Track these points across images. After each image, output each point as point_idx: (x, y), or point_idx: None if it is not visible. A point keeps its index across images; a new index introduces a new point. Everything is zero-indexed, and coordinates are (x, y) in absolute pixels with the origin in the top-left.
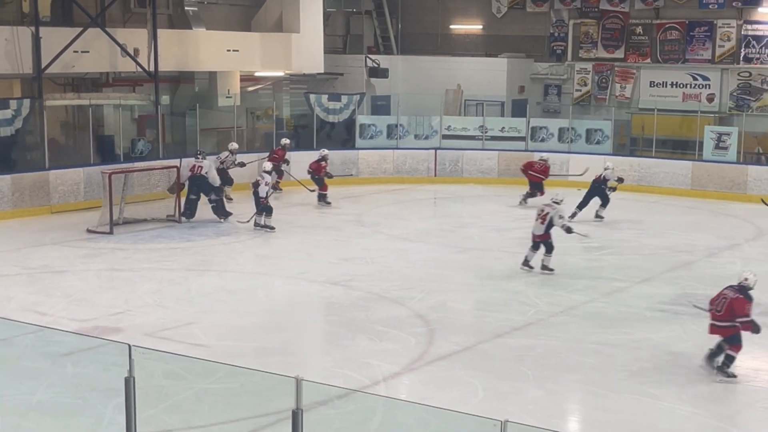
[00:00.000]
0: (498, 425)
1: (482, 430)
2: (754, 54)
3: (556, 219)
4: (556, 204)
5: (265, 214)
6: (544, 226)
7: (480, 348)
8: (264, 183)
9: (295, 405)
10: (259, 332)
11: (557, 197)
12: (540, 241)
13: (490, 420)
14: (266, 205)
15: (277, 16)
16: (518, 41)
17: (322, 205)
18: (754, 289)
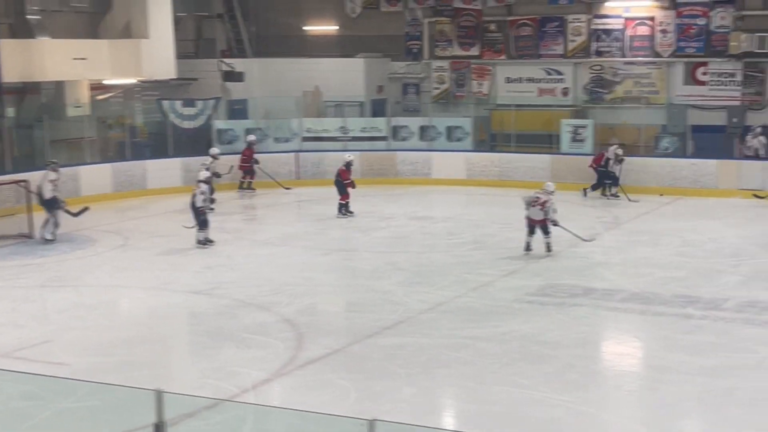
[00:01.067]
0: (365, 424)
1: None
2: (604, 47)
3: (551, 210)
4: (551, 194)
5: (198, 228)
6: (543, 211)
7: (351, 349)
8: (199, 193)
9: (156, 418)
10: (121, 346)
11: (549, 188)
12: (538, 225)
13: (359, 420)
14: (204, 218)
15: (125, 22)
16: (374, 41)
17: (342, 216)
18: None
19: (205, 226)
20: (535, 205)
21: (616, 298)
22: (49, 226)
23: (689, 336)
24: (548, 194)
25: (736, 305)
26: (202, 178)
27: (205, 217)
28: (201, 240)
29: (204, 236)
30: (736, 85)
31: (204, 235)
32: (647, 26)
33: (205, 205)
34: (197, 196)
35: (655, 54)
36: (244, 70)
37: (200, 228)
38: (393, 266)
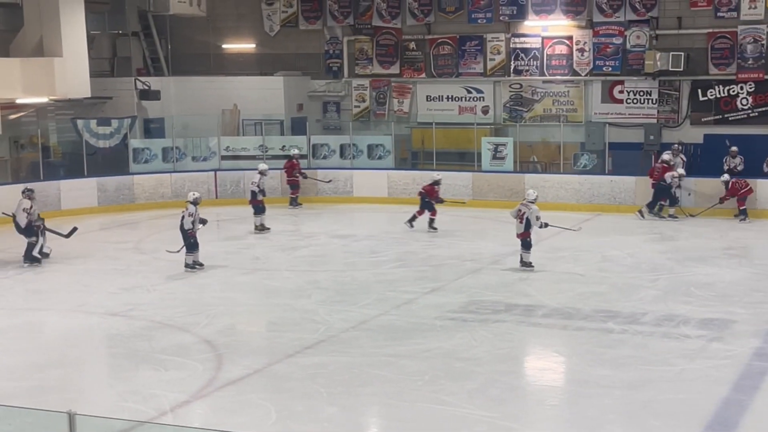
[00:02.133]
0: None
1: None
2: (523, 66)
3: (533, 219)
4: (531, 204)
5: (187, 251)
6: (522, 225)
7: (271, 369)
8: (187, 214)
9: None
10: (33, 370)
11: (530, 196)
12: (521, 239)
13: None
14: (193, 240)
15: (37, 40)
16: (293, 59)
17: (432, 231)
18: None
19: (194, 249)
20: (517, 219)
21: (537, 313)
22: (36, 247)
23: (610, 350)
24: (529, 204)
25: (654, 319)
26: (190, 198)
27: (195, 240)
28: (189, 264)
29: (192, 260)
30: (653, 103)
31: (193, 258)
32: (565, 45)
33: (194, 228)
34: (185, 217)
35: (573, 72)
36: (161, 89)
37: (188, 251)
38: (314, 285)
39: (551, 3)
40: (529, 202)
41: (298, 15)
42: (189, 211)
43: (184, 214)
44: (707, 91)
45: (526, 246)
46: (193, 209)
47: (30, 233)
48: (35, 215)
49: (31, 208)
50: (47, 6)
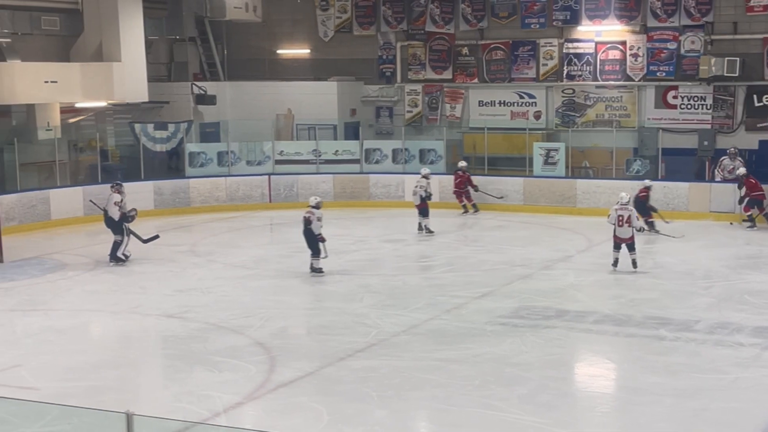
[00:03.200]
0: None
1: None
2: (576, 71)
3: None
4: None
5: (313, 255)
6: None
7: (323, 372)
8: (316, 219)
9: None
10: (91, 371)
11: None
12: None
13: None
14: (321, 244)
15: (96, 45)
16: (347, 64)
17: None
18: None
19: (318, 253)
20: (621, 225)
21: (589, 319)
22: (122, 247)
23: (661, 357)
24: (627, 208)
25: (708, 327)
26: (313, 203)
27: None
28: (315, 267)
29: (315, 264)
30: (707, 109)
31: (315, 262)
32: (618, 50)
33: (319, 233)
34: (314, 222)
35: (626, 78)
36: (217, 93)
37: (315, 255)
38: (366, 289)
39: (605, 8)
40: (625, 205)
41: (352, 20)
42: (317, 215)
43: (312, 219)
44: (762, 97)
45: (632, 248)
46: (319, 213)
47: (119, 230)
48: (126, 207)
49: (121, 201)
50: (107, 12)
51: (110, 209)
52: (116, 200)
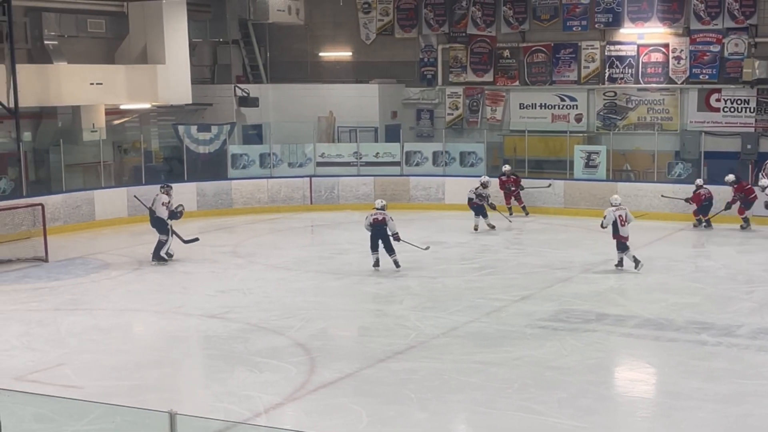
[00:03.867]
0: None
1: None
2: (617, 74)
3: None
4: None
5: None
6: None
7: (363, 374)
8: (389, 218)
9: None
10: (134, 370)
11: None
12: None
13: None
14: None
15: (141, 48)
16: (388, 67)
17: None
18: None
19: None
20: (624, 224)
21: (629, 324)
22: (165, 246)
23: (703, 362)
24: (622, 207)
25: (750, 332)
26: (378, 206)
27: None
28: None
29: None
30: (750, 112)
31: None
32: (661, 53)
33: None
34: (389, 222)
35: (668, 80)
36: (259, 96)
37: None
38: (406, 291)
39: (648, 10)
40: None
41: (394, 23)
42: (389, 216)
43: (387, 220)
44: None
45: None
46: (388, 215)
47: (164, 230)
48: (173, 206)
49: (168, 203)
50: (151, 15)
51: (158, 209)
52: (164, 201)
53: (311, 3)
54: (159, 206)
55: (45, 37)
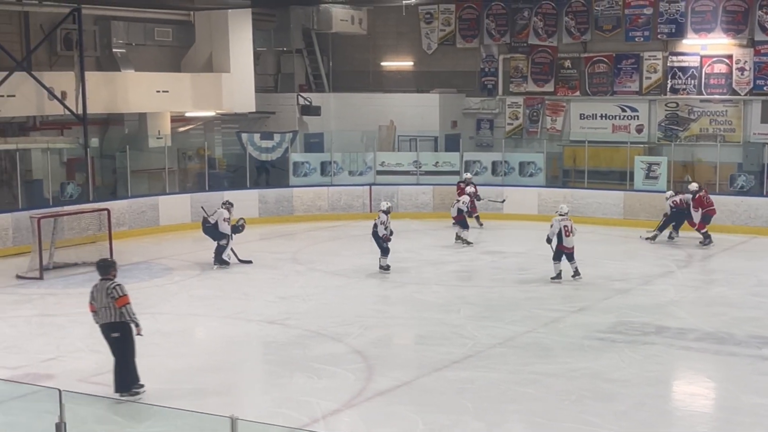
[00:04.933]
0: None
1: None
2: (680, 85)
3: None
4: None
5: (382, 255)
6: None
7: (419, 382)
8: (380, 222)
9: None
10: (195, 374)
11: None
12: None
13: None
14: (386, 245)
15: (207, 57)
16: (449, 77)
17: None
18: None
19: (387, 253)
20: (568, 235)
21: (689, 337)
22: (226, 250)
23: (764, 378)
24: (568, 218)
25: None
26: (384, 208)
27: (387, 245)
28: (383, 266)
29: (385, 263)
30: None
31: (385, 261)
32: (724, 64)
33: (388, 233)
34: (378, 225)
35: (732, 92)
36: (322, 104)
37: (383, 254)
38: (463, 300)
39: (711, 21)
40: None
41: (456, 33)
42: (381, 219)
43: (377, 222)
44: None
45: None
46: (384, 218)
47: (219, 235)
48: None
49: (229, 218)
50: (217, 24)
51: (221, 225)
52: (225, 216)
53: (374, 13)
54: (221, 221)
55: (113, 45)
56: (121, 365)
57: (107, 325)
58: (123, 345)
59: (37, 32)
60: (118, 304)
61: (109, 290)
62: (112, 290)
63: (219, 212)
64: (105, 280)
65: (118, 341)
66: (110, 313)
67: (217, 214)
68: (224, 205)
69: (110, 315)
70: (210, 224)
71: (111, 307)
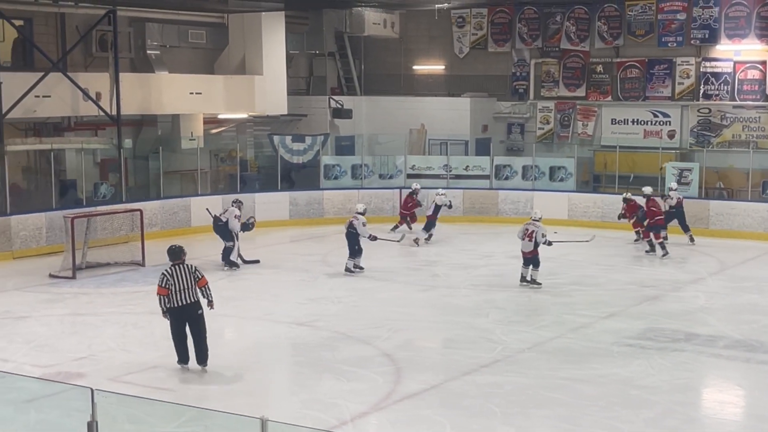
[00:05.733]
0: None
1: None
2: (713, 91)
3: (539, 237)
4: (537, 222)
5: (358, 256)
6: (531, 243)
7: (448, 386)
8: (361, 224)
9: None
10: (224, 374)
11: (536, 215)
12: (529, 257)
13: None
14: (358, 247)
15: (240, 59)
16: (481, 81)
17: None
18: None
19: (358, 254)
20: (524, 238)
21: (719, 344)
22: (234, 252)
23: None
24: (535, 223)
25: None
26: (360, 210)
27: (360, 247)
28: (350, 267)
29: (354, 263)
30: None
31: (354, 262)
32: (758, 70)
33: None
34: (359, 227)
35: (765, 98)
36: (353, 108)
37: (358, 255)
38: (492, 304)
39: (745, 27)
40: (535, 221)
41: (488, 37)
42: (361, 220)
43: (356, 224)
44: None
45: (536, 264)
46: (363, 219)
47: (229, 236)
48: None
49: (239, 216)
50: (251, 27)
51: (231, 222)
52: (236, 214)
53: (406, 16)
54: (232, 219)
55: (148, 46)
56: (204, 338)
57: (191, 305)
58: (203, 320)
59: (72, 34)
60: (201, 284)
61: (194, 271)
62: (196, 271)
63: (230, 210)
64: (178, 264)
65: (202, 317)
66: (191, 293)
67: (228, 212)
68: (234, 204)
69: (191, 295)
70: (222, 222)
71: (192, 288)
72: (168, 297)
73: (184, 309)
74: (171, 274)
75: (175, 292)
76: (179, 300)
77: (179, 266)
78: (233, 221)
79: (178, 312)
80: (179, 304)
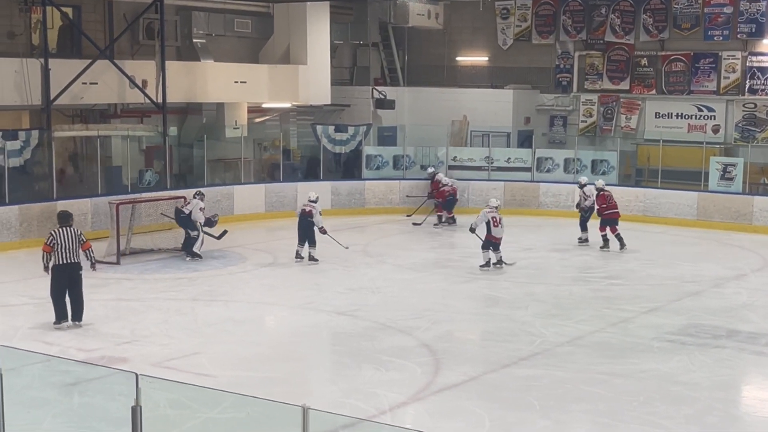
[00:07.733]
0: None
1: None
2: (759, 85)
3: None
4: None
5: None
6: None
7: (486, 378)
8: (318, 213)
9: None
10: (265, 362)
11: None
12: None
13: None
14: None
15: (284, 48)
16: (524, 73)
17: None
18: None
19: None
20: (497, 225)
21: (761, 342)
22: (197, 243)
23: None
24: (495, 210)
25: None
26: (313, 198)
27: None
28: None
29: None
30: None
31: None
32: None
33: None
34: (316, 215)
35: None
36: (396, 98)
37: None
38: (531, 297)
39: None
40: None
41: (532, 29)
42: (318, 209)
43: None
44: None
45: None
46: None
47: (192, 227)
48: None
49: (203, 208)
50: (296, 16)
51: (195, 214)
52: (201, 206)
53: (450, 8)
54: (196, 211)
55: (194, 35)
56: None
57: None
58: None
59: (120, 21)
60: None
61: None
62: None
63: (194, 202)
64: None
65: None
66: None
67: (192, 203)
68: (197, 196)
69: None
70: (185, 214)
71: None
72: (52, 255)
73: (67, 267)
74: (57, 234)
75: (60, 251)
76: (63, 258)
77: (66, 228)
78: (197, 212)
79: (61, 269)
80: (62, 263)
